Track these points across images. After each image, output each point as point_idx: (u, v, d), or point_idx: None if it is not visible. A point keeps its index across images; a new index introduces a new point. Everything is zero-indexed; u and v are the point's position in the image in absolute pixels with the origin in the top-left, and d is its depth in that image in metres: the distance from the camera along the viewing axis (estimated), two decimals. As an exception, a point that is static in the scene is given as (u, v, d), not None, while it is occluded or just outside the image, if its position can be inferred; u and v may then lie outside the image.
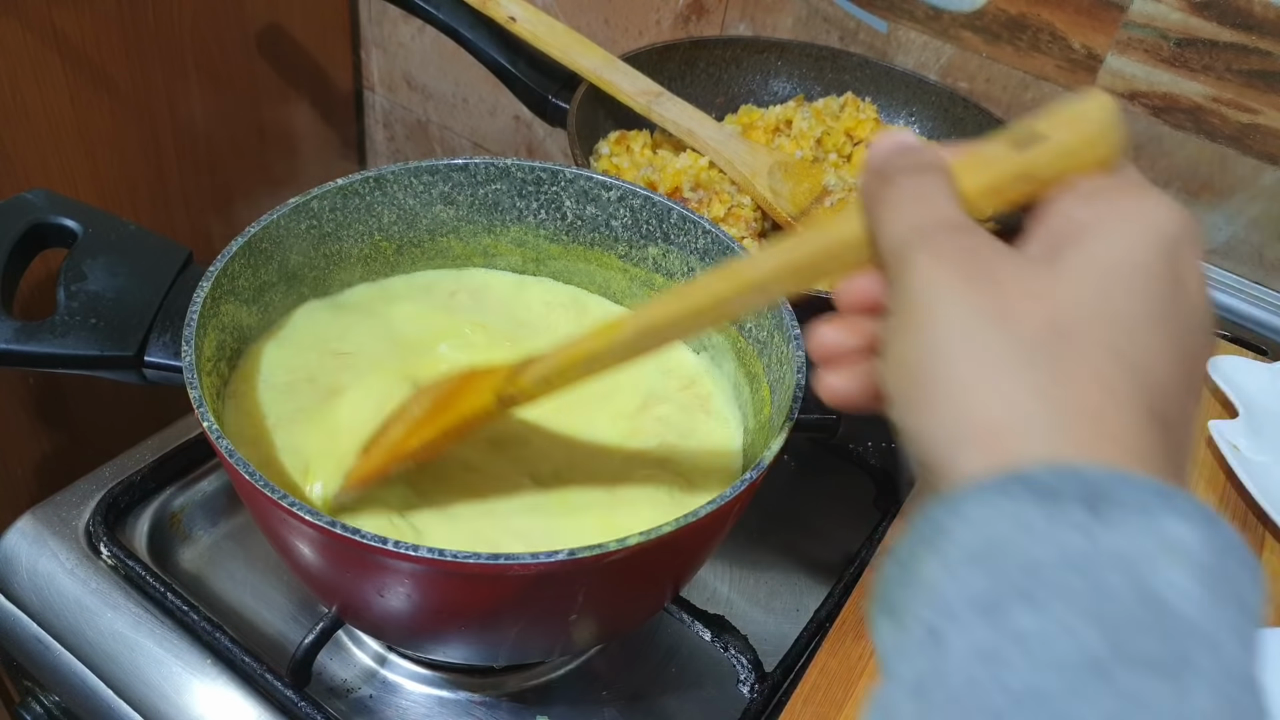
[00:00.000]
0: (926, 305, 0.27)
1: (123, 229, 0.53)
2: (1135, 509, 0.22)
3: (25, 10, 0.83)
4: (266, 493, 0.39)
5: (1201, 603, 0.21)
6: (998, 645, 0.21)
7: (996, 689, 0.21)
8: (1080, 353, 0.25)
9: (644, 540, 0.39)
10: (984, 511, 0.23)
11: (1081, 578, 0.21)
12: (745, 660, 0.55)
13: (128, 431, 0.72)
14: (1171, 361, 0.25)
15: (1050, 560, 0.22)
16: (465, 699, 0.56)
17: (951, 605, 0.23)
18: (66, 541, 0.61)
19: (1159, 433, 0.24)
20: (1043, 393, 0.25)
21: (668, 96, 0.76)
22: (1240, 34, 0.70)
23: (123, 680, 0.57)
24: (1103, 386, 0.24)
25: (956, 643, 0.22)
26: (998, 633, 0.21)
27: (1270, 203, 0.75)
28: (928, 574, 0.24)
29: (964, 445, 0.25)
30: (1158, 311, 0.26)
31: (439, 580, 0.42)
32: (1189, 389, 0.26)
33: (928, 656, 0.22)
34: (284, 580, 0.61)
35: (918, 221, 0.28)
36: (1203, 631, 0.21)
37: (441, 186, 0.58)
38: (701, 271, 0.57)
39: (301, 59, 1.13)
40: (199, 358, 0.45)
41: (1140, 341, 0.25)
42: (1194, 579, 0.22)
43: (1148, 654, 0.21)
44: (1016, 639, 0.21)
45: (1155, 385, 0.25)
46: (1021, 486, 0.23)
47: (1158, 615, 0.21)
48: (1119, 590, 0.21)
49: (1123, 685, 0.20)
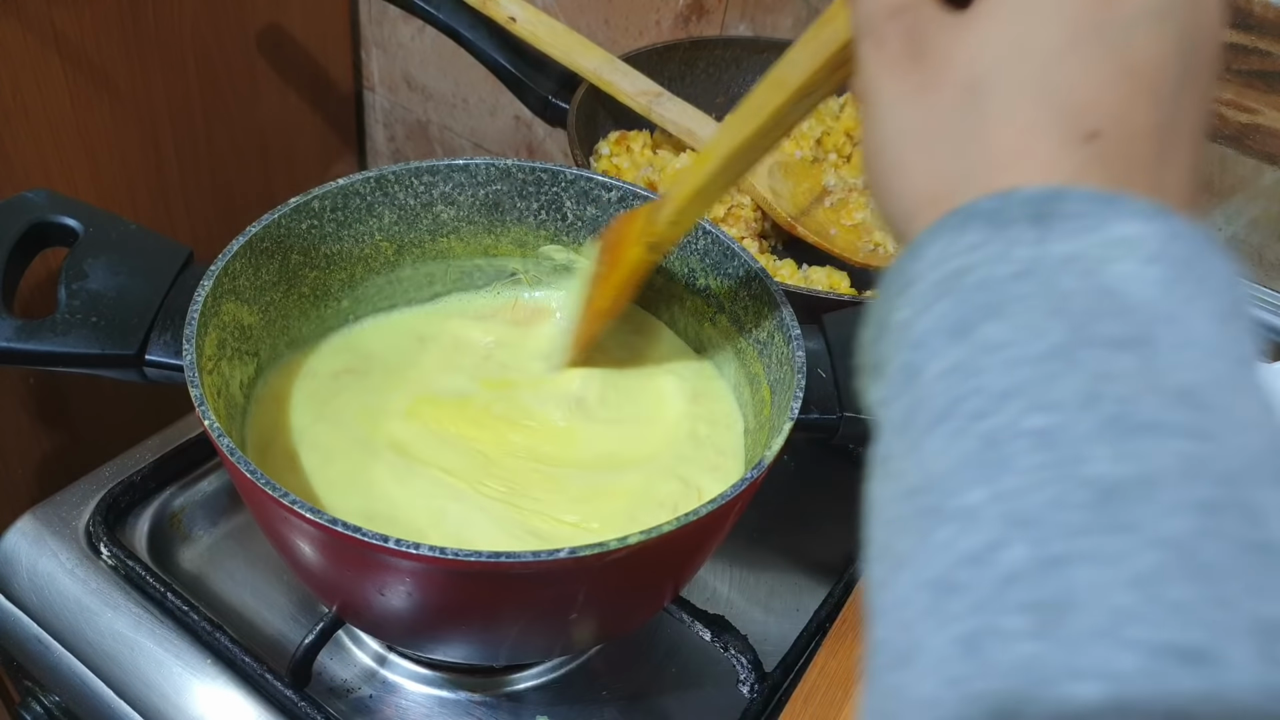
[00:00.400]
0: (868, 96, 0.29)
1: (123, 228, 0.53)
2: (1078, 216, 0.23)
3: (25, 10, 0.83)
4: (267, 491, 0.39)
5: (1156, 285, 0.22)
6: (970, 358, 0.22)
7: (975, 394, 0.22)
8: (993, 100, 0.25)
9: (644, 539, 0.39)
10: (939, 249, 0.24)
11: (1037, 284, 0.22)
12: (745, 660, 0.55)
13: (128, 431, 0.72)
14: (1107, 76, 0.25)
15: (1005, 275, 0.23)
16: (465, 699, 0.56)
17: (923, 338, 0.24)
18: (66, 541, 0.61)
19: (1101, 147, 0.24)
20: (961, 154, 0.26)
21: (668, 96, 0.76)
22: (1240, 34, 0.71)
23: (123, 680, 0.57)
24: (1019, 128, 0.25)
25: (931, 367, 0.23)
26: (968, 348, 0.23)
27: (1270, 203, 0.75)
28: (899, 319, 0.25)
29: (911, 219, 0.27)
30: (1081, 32, 0.25)
31: (439, 579, 0.42)
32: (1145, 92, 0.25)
33: (908, 390, 0.24)
34: (284, 580, 0.61)
35: (866, 9, 0.29)
36: (1160, 309, 0.22)
37: (442, 187, 0.58)
38: (702, 272, 0.57)
39: (301, 59, 1.13)
40: (200, 356, 0.45)
41: (1061, 68, 0.25)
42: (1146, 266, 0.22)
43: (1109, 334, 0.22)
44: (986, 349, 0.22)
45: (1086, 104, 0.24)
46: (969, 218, 0.24)
47: (1114, 302, 0.22)
48: (1074, 289, 0.22)
49: (1089, 365, 0.21)
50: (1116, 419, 0.21)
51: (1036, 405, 0.21)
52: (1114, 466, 0.20)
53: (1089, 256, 0.23)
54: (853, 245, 0.73)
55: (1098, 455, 0.20)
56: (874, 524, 0.24)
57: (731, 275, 0.55)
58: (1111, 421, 0.21)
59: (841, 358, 0.52)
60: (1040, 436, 0.21)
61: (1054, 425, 0.21)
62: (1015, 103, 0.25)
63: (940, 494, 0.22)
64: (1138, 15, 0.25)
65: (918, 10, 0.28)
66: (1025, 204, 0.24)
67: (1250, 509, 0.20)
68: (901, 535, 0.23)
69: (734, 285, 0.55)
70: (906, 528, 0.23)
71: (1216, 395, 0.21)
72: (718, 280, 0.56)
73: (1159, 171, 0.25)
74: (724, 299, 0.56)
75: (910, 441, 0.23)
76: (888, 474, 0.24)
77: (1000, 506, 0.21)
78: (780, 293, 0.51)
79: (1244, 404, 0.22)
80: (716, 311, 0.57)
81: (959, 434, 0.22)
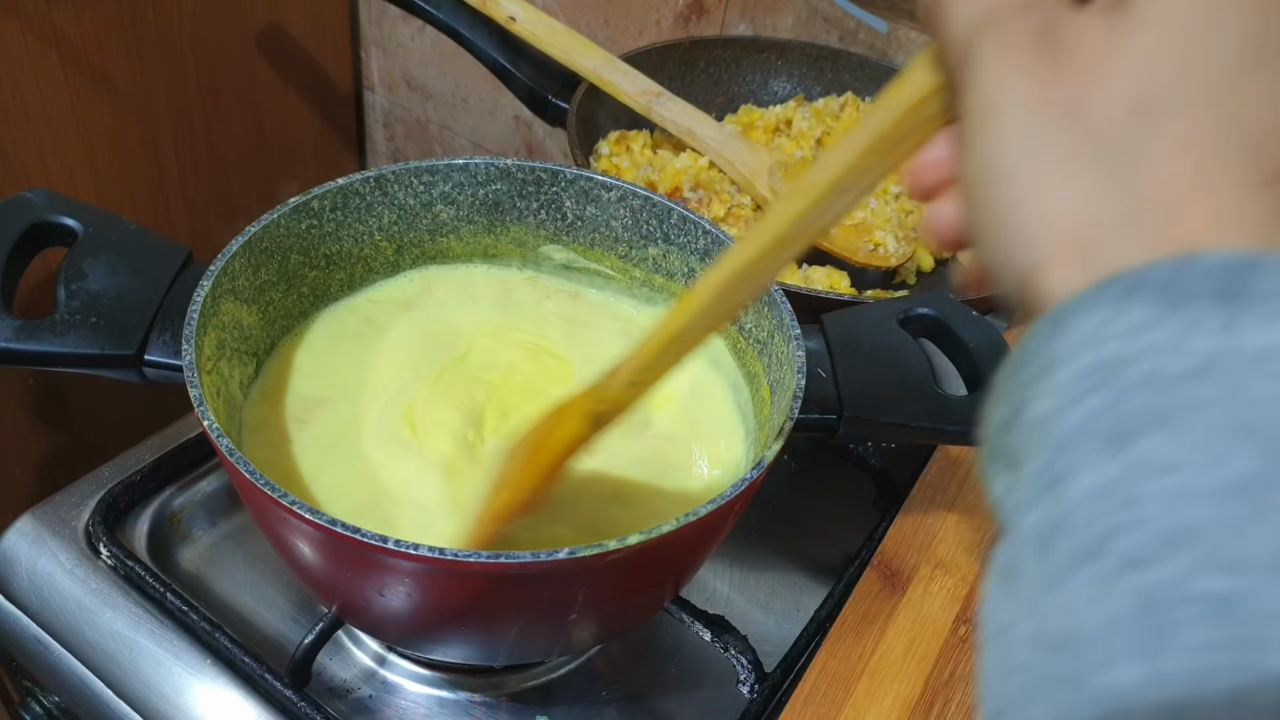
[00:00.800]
0: (986, 107, 0.23)
1: (123, 228, 0.53)
2: (1276, 297, 0.18)
3: (25, 10, 0.83)
4: (266, 491, 0.39)
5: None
6: (1129, 480, 0.18)
7: (1132, 531, 0.18)
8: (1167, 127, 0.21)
9: (644, 540, 0.39)
10: (1093, 324, 0.20)
11: (1222, 388, 0.18)
12: (745, 660, 0.55)
13: (127, 431, 0.72)
14: None
15: (1179, 372, 0.18)
16: (465, 699, 0.56)
17: (1069, 440, 0.19)
18: (66, 542, 0.61)
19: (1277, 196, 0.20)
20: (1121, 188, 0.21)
21: (668, 96, 0.76)
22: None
23: (122, 680, 0.56)
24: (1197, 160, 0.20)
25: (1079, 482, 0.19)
26: (1127, 465, 0.18)
27: (1270, 203, 0.75)
28: (1038, 410, 0.20)
29: (1044, 268, 0.21)
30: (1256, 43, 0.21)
31: (439, 579, 0.42)
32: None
33: (1048, 502, 0.19)
34: (284, 580, 0.61)
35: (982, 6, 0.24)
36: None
37: (442, 186, 0.58)
38: (702, 271, 0.57)
39: (301, 59, 1.13)
40: (199, 356, 0.45)
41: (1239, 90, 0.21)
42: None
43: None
44: (1149, 471, 0.18)
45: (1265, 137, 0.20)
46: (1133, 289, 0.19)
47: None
48: (1271, 397, 0.17)
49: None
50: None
51: (1213, 562, 0.17)
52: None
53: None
54: (853, 245, 0.73)
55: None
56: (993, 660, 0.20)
57: (731, 275, 0.55)
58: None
59: (841, 358, 0.52)
60: (1218, 606, 0.16)
61: (1236, 591, 0.16)
62: (1190, 130, 0.20)
63: (1083, 660, 0.18)
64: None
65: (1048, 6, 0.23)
66: (1210, 276, 0.19)
67: None
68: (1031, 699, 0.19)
69: (734, 285, 0.55)
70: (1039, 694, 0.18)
71: None
72: (718, 280, 0.56)
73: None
74: (724, 299, 0.56)
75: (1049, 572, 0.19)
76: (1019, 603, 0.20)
77: (1157, 695, 0.16)
78: (780, 293, 0.51)
79: None
80: (716, 311, 0.57)
81: (1109, 584, 0.18)
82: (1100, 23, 0.22)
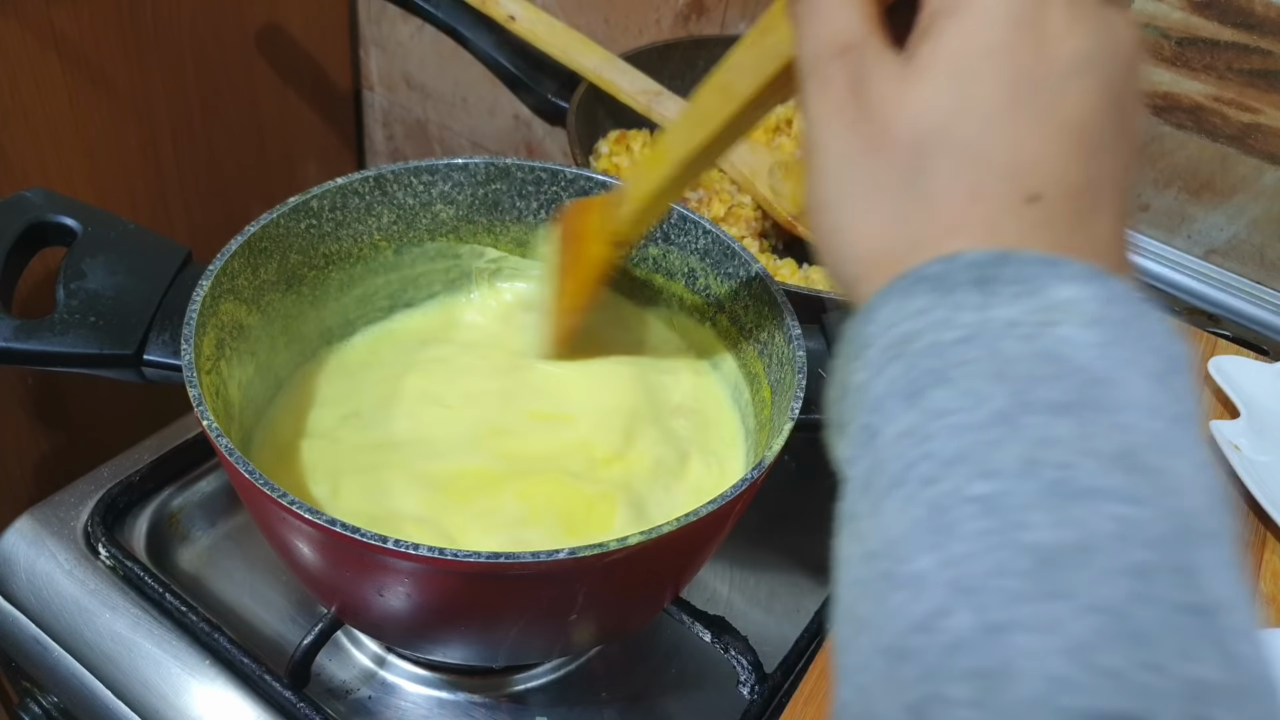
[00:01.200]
0: (812, 143, 0.28)
1: (122, 228, 0.53)
2: (1019, 280, 0.23)
3: (25, 10, 0.83)
4: (266, 491, 0.39)
5: (1096, 349, 0.23)
6: (920, 423, 0.23)
7: (925, 460, 0.23)
8: (938, 163, 0.25)
9: (644, 540, 0.39)
10: (890, 312, 0.25)
11: (980, 348, 0.23)
12: (745, 661, 0.55)
13: (126, 432, 0.72)
14: (1044, 135, 0.25)
15: (951, 340, 0.23)
16: (465, 699, 0.56)
17: (879, 401, 0.24)
18: (65, 542, 0.61)
19: (1043, 209, 0.25)
20: (908, 218, 0.26)
21: (668, 96, 0.75)
22: (1241, 33, 0.70)
23: (121, 681, 0.56)
24: (962, 193, 0.25)
25: (887, 431, 0.24)
26: (919, 413, 0.23)
27: (1271, 203, 0.75)
28: (857, 381, 0.25)
29: (860, 281, 0.27)
30: (1018, 91, 0.25)
31: (438, 580, 0.42)
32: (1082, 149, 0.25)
33: (867, 451, 0.24)
34: (283, 580, 0.61)
35: (814, 44, 0.28)
36: (1099, 372, 0.22)
37: (441, 186, 0.58)
38: (702, 272, 0.57)
39: (301, 59, 1.13)
40: (198, 356, 0.45)
41: (1000, 130, 0.25)
42: (1086, 330, 0.23)
43: (1048, 399, 0.22)
44: (934, 414, 0.23)
45: (1027, 166, 0.25)
46: (917, 282, 0.25)
47: (1055, 367, 0.22)
48: (1016, 353, 0.23)
49: (1029, 430, 0.22)
50: (1055, 485, 0.21)
51: (980, 472, 0.22)
52: (1052, 533, 0.21)
53: (1031, 321, 0.23)
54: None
55: (1037, 522, 0.21)
56: (840, 584, 0.25)
57: (732, 275, 0.55)
58: (1051, 487, 0.21)
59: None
60: (983, 503, 0.21)
61: (996, 492, 0.21)
62: (959, 165, 0.25)
63: (894, 559, 0.22)
64: (1069, 68, 0.25)
65: (863, 50, 0.27)
66: (970, 268, 0.24)
67: (1183, 571, 0.20)
68: (862, 599, 0.23)
69: (734, 285, 0.55)
70: (866, 591, 0.23)
71: (1153, 457, 0.22)
72: (718, 280, 0.56)
73: (1093, 229, 0.25)
74: (724, 299, 0.56)
75: (871, 503, 0.24)
76: (852, 534, 0.25)
77: (947, 573, 0.21)
78: (781, 293, 0.51)
79: (1180, 464, 0.22)
80: (716, 311, 0.57)
81: (910, 499, 0.23)
82: (895, 70, 0.27)
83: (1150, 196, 0.80)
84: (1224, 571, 0.21)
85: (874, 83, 0.27)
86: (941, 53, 0.26)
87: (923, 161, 0.26)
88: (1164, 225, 0.81)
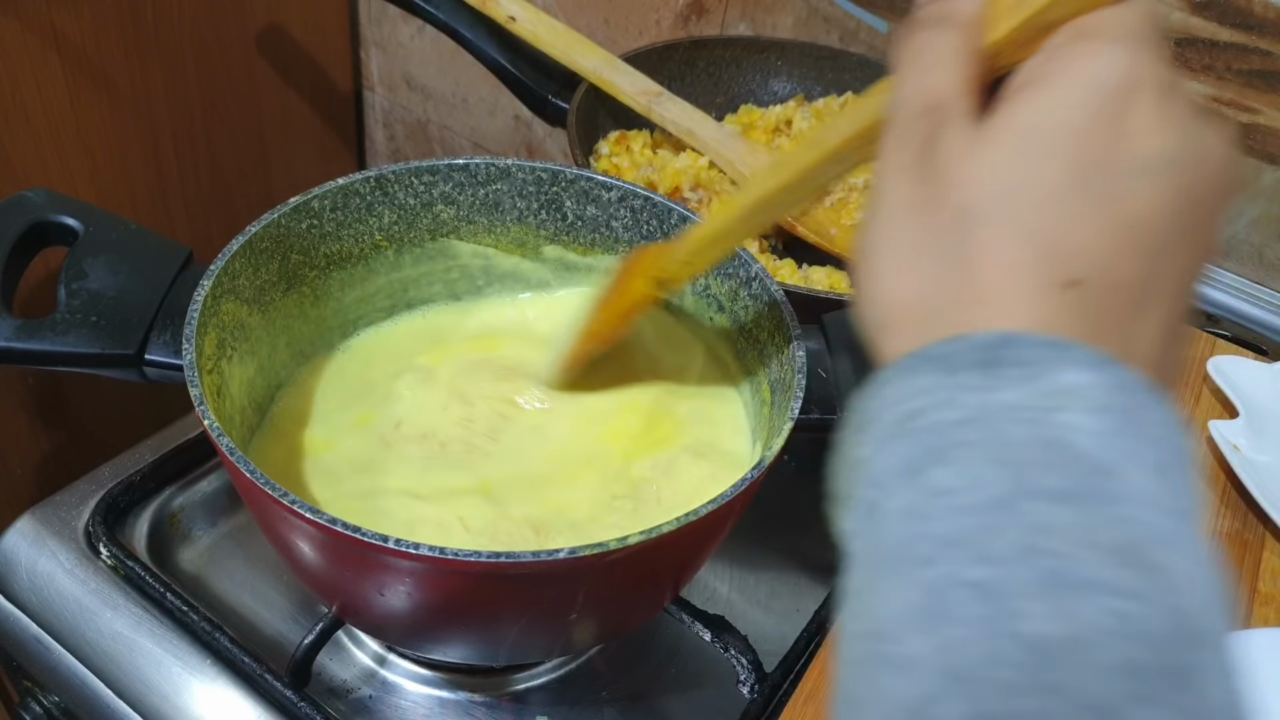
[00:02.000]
0: (877, 190, 0.29)
1: (123, 228, 0.53)
2: (1025, 365, 0.23)
3: (25, 10, 0.83)
4: (267, 490, 0.39)
5: (1099, 437, 0.22)
6: (919, 502, 0.23)
7: (923, 540, 0.23)
8: (983, 232, 0.25)
9: (644, 539, 0.39)
10: (896, 389, 0.25)
11: (982, 432, 0.23)
12: (745, 661, 0.55)
13: (127, 431, 0.72)
14: (1099, 225, 0.25)
15: (953, 420, 0.23)
16: (465, 699, 0.56)
17: (881, 478, 0.24)
18: (66, 542, 0.61)
19: (1079, 296, 0.24)
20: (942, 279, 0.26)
21: (668, 96, 0.76)
22: (1240, 34, 0.71)
23: (122, 680, 0.56)
24: (1002, 265, 0.25)
25: (887, 508, 0.24)
26: (917, 491, 0.23)
27: (1270, 203, 0.75)
28: (861, 455, 0.25)
29: (884, 331, 0.27)
30: (1083, 177, 0.25)
31: (439, 579, 0.42)
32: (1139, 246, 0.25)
33: (868, 527, 0.24)
34: (284, 580, 0.61)
35: (905, 96, 0.28)
36: (1101, 462, 0.22)
37: (442, 186, 0.58)
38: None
39: (301, 59, 1.13)
40: (199, 356, 0.45)
41: (1053, 211, 0.25)
42: (1091, 417, 0.23)
43: (1049, 487, 0.22)
44: (934, 493, 0.23)
45: (1072, 251, 0.25)
46: (924, 361, 0.25)
47: (1057, 453, 0.22)
48: (1018, 437, 0.23)
49: (1028, 517, 0.22)
50: (1053, 574, 0.21)
51: (977, 557, 0.22)
52: (1047, 624, 0.20)
53: (1035, 405, 0.23)
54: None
55: (1034, 612, 0.21)
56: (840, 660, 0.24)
57: (732, 275, 0.55)
58: (1048, 577, 0.21)
59: (841, 358, 0.52)
60: (980, 589, 0.21)
61: (993, 578, 0.21)
62: (1003, 238, 0.25)
63: (888, 640, 0.22)
64: (1142, 165, 0.25)
65: (949, 111, 0.27)
66: (975, 349, 0.24)
67: (1181, 673, 0.20)
68: (857, 679, 0.23)
69: (734, 285, 0.55)
70: (861, 672, 0.23)
71: (1153, 552, 0.21)
72: (718, 280, 0.56)
73: (1133, 325, 0.25)
74: (724, 299, 0.56)
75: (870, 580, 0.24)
76: (853, 611, 0.24)
77: (940, 659, 0.21)
78: (780, 293, 0.51)
79: (1180, 561, 0.22)
80: (716, 311, 0.57)
81: (906, 580, 0.22)
82: (967, 135, 0.27)
83: (1150, 197, 0.80)
84: (1222, 677, 0.21)
85: (946, 143, 0.27)
86: (1014, 124, 0.26)
87: (970, 227, 0.26)
88: (1163, 226, 0.81)
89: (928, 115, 0.27)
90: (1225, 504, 0.62)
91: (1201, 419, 0.67)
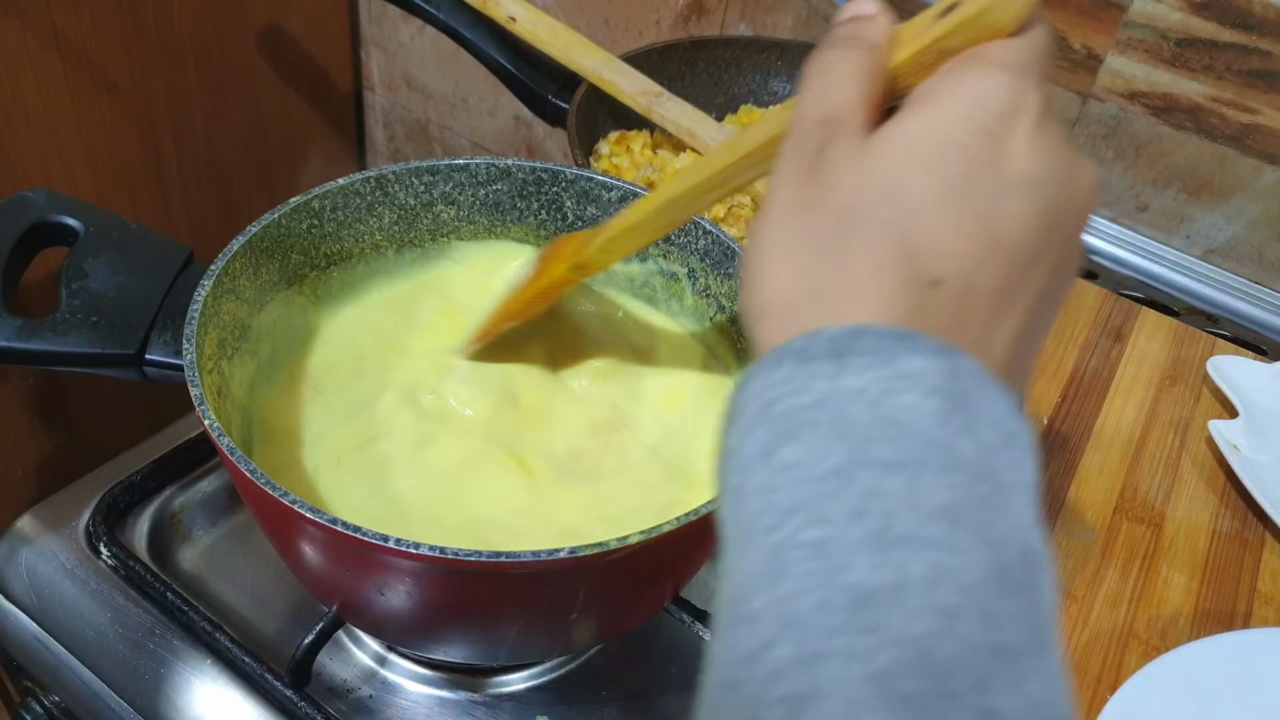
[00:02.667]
0: (770, 190, 0.30)
1: (124, 228, 0.53)
2: (872, 353, 0.25)
3: (25, 10, 0.83)
4: (267, 490, 0.39)
5: (933, 416, 0.24)
6: (770, 478, 0.25)
7: (769, 510, 0.25)
8: (859, 234, 0.27)
9: (644, 539, 0.39)
10: (760, 381, 0.27)
11: (827, 412, 0.25)
12: (745, 660, 0.55)
13: (128, 431, 0.72)
14: (967, 233, 0.27)
15: (804, 405, 0.25)
16: (465, 699, 0.56)
17: (745, 462, 0.26)
18: (66, 541, 0.61)
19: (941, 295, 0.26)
20: (816, 273, 0.28)
21: (668, 96, 0.76)
22: (1240, 34, 0.71)
23: (122, 680, 0.57)
24: (872, 262, 0.27)
25: (748, 488, 0.26)
26: (771, 470, 0.25)
27: (1270, 203, 0.75)
28: (731, 444, 0.27)
29: (760, 320, 0.29)
30: (956, 188, 0.27)
31: (439, 578, 0.42)
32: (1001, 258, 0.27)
33: (736, 508, 0.26)
34: (284, 580, 0.61)
35: (806, 108, 0.30)
36: (933, 436, 0.24)
37: (442, 186, 0.58)
38: (702, 272, 0.57)
39: (301, 59, 1.13)
40: (200, 356, 0.45)
41: (925, 217, 0.27)
42: (927, 399, 0.25)
43: (882, 458, 0.24)
44: (782, 469, 0.25)
45: (937, 252, 0.26)
46: (785, 355, 0.26)
47: (893, 430, 0.24)
48: (859, 417, 0.25)
49: (862, 484, 0.24)
50: (879, 532, 0.23)
51: (814, 519, 0.24)
52: (871, 574, 0.22)
53: (877, 389, 0.25)
54: None
55: (859, 564, 0.23)
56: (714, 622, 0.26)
57: (732, 275, 0.55)
58: (874, 534, 0.23)
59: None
60: (813, 548, 0.23)
61: (825, 537, 0.23)
62: (877, 238, 0.27)
63: (739, 602, 0.24)
64: (1014, 183, 0.27)
65: (842, 124, 0.29)
66: (828, 342, 0.26)
67: (988, 614, 0.22)
68: (715, 641, 0.25)
69: (734, 285, 0.55)
70: (718, 634, 0.25)
71: (972, 514, 0.23)
72: (718, 280, 0.56)
73: (989, 329, 0.27)
74: (724, 299, 0.56)
75: (734, 556, 0.26)
76: (723, 583, 0.26)
77: (776, 610, 0.23)
78: (780, 292, 0.51)
79: (998, 523, 0.24)
80: (716, 311, 0.57)
81: (755, 547, 0.24)
82: (856, 144, 0.29)
83: (1149, 197, 0.80)
84: (1030, 620, 0.23)
85: (836, 151, 0.29)
86: (901, 134, 0.28)
87: (846, 227, 0.27)
88: (1163, 225, 0.81)
89: (824, 126, 0.29)
90: (1225, 504, 0.62)
91: (1201, 419, 0.67)
